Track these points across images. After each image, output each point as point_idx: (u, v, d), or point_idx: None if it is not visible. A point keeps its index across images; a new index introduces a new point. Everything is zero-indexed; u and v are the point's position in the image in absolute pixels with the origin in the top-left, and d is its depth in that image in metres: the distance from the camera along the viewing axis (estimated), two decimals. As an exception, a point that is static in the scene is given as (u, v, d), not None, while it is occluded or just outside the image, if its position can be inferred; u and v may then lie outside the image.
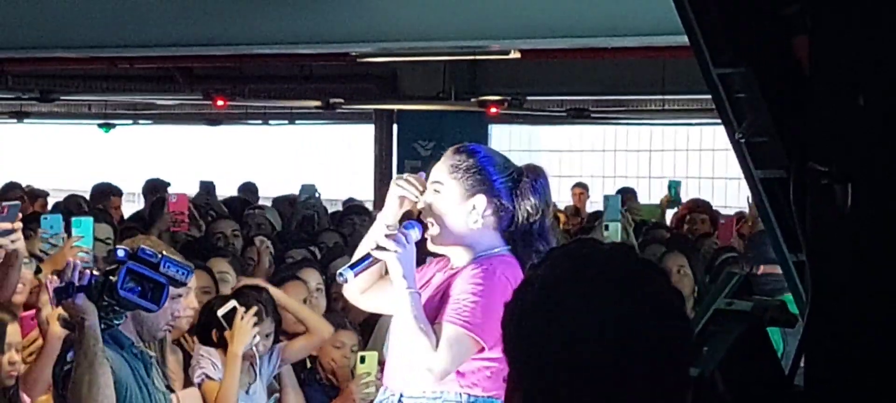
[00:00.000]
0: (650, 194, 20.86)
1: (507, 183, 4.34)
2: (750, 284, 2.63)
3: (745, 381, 2.58)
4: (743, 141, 2.65)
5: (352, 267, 4.32)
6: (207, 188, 12.27)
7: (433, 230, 4.34)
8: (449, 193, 4.32)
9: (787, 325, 2.60)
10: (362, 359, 6.02)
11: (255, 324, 5.76)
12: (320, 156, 21.04)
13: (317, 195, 11.31)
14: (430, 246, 4.40)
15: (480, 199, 4.29)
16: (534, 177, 4.37)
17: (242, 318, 5.70)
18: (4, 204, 5.48)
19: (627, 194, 13.74)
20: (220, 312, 5.74)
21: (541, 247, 4.30)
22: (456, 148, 4.39)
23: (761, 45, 2.66)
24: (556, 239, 4.47)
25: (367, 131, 17.09)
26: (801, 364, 2.63)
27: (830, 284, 2.55)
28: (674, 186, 12.22)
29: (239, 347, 5.67)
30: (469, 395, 4.21)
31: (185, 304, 5.50)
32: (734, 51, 2.64)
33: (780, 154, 2.62)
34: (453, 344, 4.17)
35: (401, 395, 4.27)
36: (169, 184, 11.93)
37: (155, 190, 11.67)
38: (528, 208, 4.32)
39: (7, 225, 5.30)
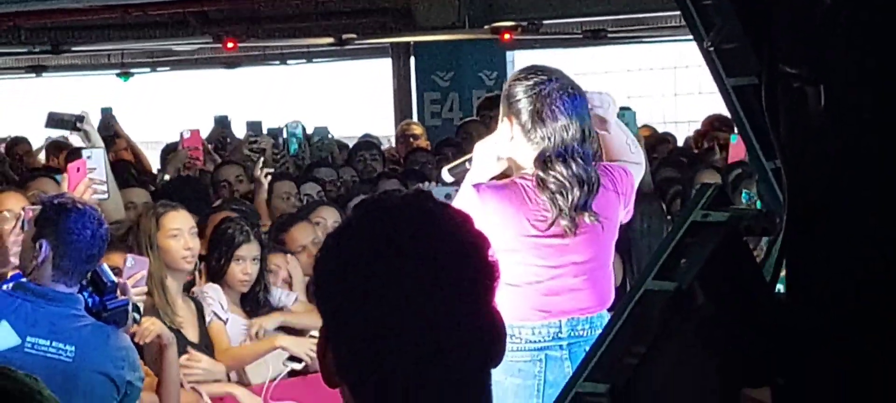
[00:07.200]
0: (676, 111, 20.72)
1: (532, 103, 4.33)
2: (725, 195, 2.59)
3: (726, 291, 2.55)
4: (712, 49, 2.61)
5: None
6: (222, 122, 12.11)
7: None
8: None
9: (764, 234, 2.57)
10: None
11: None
12: (339, 94, 20.98)
13: (329, 136, 11.27)
14: None
15: (505, 123, 4.39)
16: (560, 94, 4.31)
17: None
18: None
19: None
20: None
21: (564, 172, 4.30)
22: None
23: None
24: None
25: (385, 66, 17.00)
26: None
27: (807, 188, 2.51)
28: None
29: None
30: None
31: (185, 244, 5.60)
32: (699, -43, 2.59)
33: (750, 60, 2.57)
34: None
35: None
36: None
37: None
38: (549, 131, 4.30)
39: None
